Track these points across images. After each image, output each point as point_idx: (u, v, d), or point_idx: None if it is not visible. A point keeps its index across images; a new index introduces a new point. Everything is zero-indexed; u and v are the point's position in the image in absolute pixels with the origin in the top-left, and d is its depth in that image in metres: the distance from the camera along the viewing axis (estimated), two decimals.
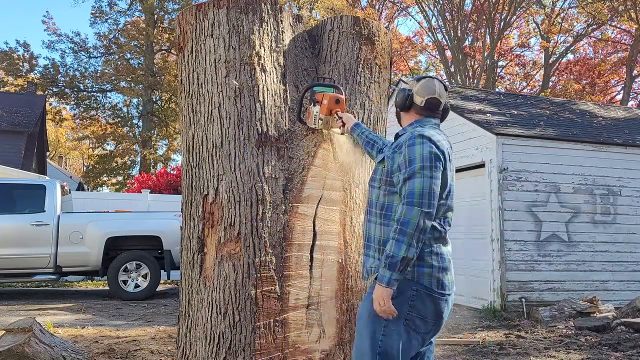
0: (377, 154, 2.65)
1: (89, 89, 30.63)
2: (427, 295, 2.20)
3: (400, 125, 2.56)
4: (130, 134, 31.30)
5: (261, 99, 3.08)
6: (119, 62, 29.59)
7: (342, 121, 2.88)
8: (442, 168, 2.21)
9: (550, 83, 28.80)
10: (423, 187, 2.14)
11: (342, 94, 2.95)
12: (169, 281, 10.77)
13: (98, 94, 30.94)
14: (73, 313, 7.00)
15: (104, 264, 8.35)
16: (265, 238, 2.96)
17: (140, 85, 29.51)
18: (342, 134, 3.02)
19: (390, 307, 2.12)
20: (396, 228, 2.13)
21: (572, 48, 27.93)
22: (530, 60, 30.85)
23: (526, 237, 7.62)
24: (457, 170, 8.59)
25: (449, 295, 2.25)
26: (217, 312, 2.92)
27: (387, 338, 2.20)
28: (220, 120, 3.06)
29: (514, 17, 26.78)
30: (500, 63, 29.58)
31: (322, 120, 2.95)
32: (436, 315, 2.23)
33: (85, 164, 42.61)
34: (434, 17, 27.47)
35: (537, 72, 30.48)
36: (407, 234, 2.10)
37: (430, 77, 2.46)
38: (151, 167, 30.09)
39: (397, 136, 2.47)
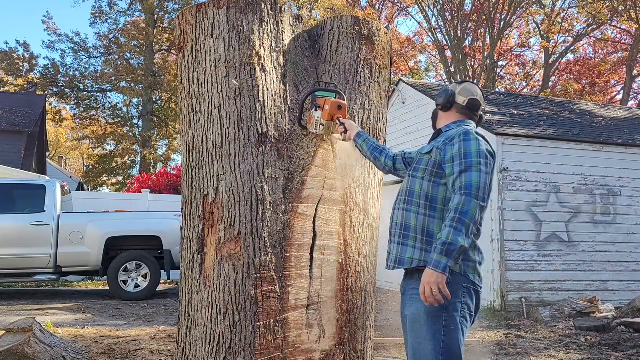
0: (389, 159, 2.75)
1: (89, 89, 30.63)
2: (473, 290, 2.28)
3: (434, 127, 2.64)
4: (130, 134, 31.31)
5: (261, 99, 3.08)
6: (119, 62, 29.59)
7: (345, 127, 2.89)
8: (492, 167, 2.29)
9: (550, 83, 28.80)
10: (480, 180, 2.18)
11: (344, 100, 2.93)
12: (169, 281, 10.77)
13: (98, 94, 30.96)
14: (73, 313, 7.00)
15: (104, 264, 8.35)
16: (265, 238, 2.96)
17: (140, 85, 29.52)
18: (343, 140, 3.02)
19: (446, 291, 2.12)
20: (454, 217, 2.15)
21: (572, 48, 27.95)
22: (530, 60, 30.89)
23: (526, 237, 7.62)
24: None
25: (481, 288, 2.35)
26: (217, 312, 2.93)
27: (449, 337, 2.21)
28: (220, 120, 3.06)
29: (514, 17, 26.78)
30: (500, 63, 29.59)
31: (323, 125, 2.94)
32: (477, 309, 2.32)
33: (85, 164, 42.62)
34: (434, 17, 27.48)
35: (537, 72, 30.49)
36: (465, 223, 2.13)
37: (471, 82, 2.57)
38: (151, 167, 30.09)
39: (439, 132, 2.54)
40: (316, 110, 2.85)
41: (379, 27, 3.50)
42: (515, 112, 9.42)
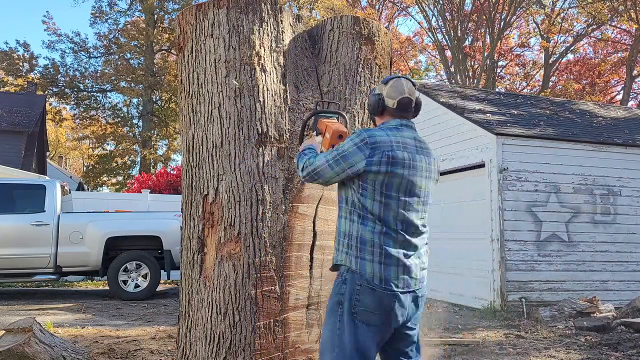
0: None
1: (89, 89, 30.63)
2: (370, 289, 2.19)
3: None
4: (130, 134, 31.31)
5: (261, 99, 3.08)
6: (119, 62, 29.59)
7: None
8: (374, 159, 2.21)
9: (550, 83, 28.79)
10: (319, 164, 2.34)
11: (346, 122, 2.86)
12: (169, 281, 10.77)
13: (98, 94, 30.96)
14: (73, 313, 7.00)
15: (104, 264, 8.35)
16: (265, 238, 2.96)
17: (140, 85, 29.52)
18: None
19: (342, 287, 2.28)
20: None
21: (572, 48, 27.94)
22: (530, 60, 30.87)
23: (526, 237, 7.62)
24: (457, 171, 8.60)
25: (401, 292, 2.20)
26: (217, 312, 2.92)
27: (342, 333, 2.22)
28: (220, 120, 3.06)
29: (514, 17, 26.78)
30: (500, 63, 29.59)
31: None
32: (383, 309, 2.19)
33: (85, 164, 42.62)
34: (434, 17, 27.48)
35: (537, 72, 30.48)
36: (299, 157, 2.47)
37: (397, 77, 2.42)
38: (151, 167, 30.09)
39: None
40: (317, 134, 2.74)
41: (379, 27, 3.50)
42: (515, 112, 9.42)
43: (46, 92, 28.11)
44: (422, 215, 2.31)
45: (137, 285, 8.47)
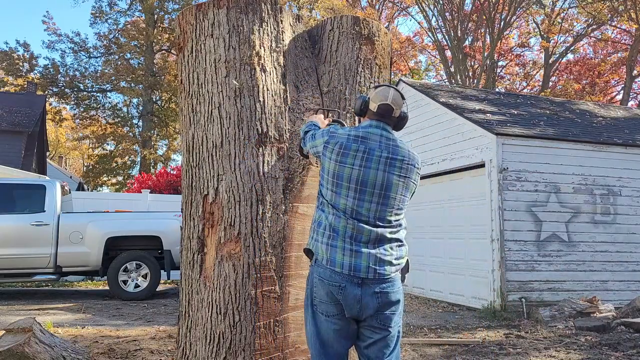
0: None
1: (89, 89, 30.62)
2: (319, 281, 2.31)
3: None
4: (130, 134, 31.30)
5: (261, 99, 3.08)
6: (119, 62, 29.57)
7: None
8: (328, 147, 2.39)
9: (550, 83, 28.79)
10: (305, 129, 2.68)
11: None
12: (169, 281, 10.77)
13: (98, 94, 30.95)
14: (73, 313, 7.00)
15: (104, 264, 8.35)
16: (265, 238, 2.96)
17: (140, 85, 29.51)
18: None
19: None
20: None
21: (572, 48, 27.94)
22: (530, 60, 30.87)
23: (526, 237, 7.62)
24: (457, 171, 8.60)
25: (349, 278, 2.24)
26: (217, 312, 2.92)
27: (310, 324, 2.38)
28: (220, 120, 3.06)
29: (514, 17, 26.78)
30: (500, 63, 29.58)
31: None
32: (333, 299, 2.27)
33: (85, 164, 42.62)
34: (434, 17, 27.49)
35: (537, 72, 30.48)
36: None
37: (388, 85, 2.50)
38: (151, 167, 30.09)
39: None
40: None
41: (379, 27, 3.50)
42: (515, 112, 9.42)
43: (46, 92, 28.11)
44: (380, 208, 2.32)
45: (137, 285, 8.47)
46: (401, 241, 2.38)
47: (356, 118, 3.26)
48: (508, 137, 7.80)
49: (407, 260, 2.42)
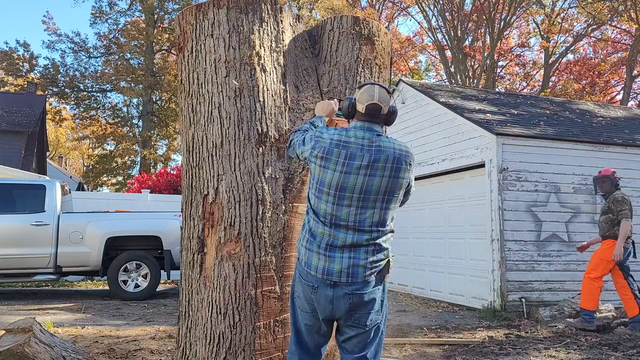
0: None
1: (89, 89, 30.62)
2: (299, 278, 2.45)
3: None
4: (130, 134, 31.30)
5: (261, 99, 3.08)
6: (119, 62, 29.57)
7: None
8: (314, 152, 2.43)
9: (550, 83, 28.79)
10: (294, 139, 2.65)
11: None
12: (169, 281, 10.77)
13: (98, 94, 30.96)
14: (73, 313, 7.00)
15: (104, 264, 8.34)
16: (265, 238, 2.96)
17: (140, 85, 29.51)
18: None
19: None
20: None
21: (572, 48, 27.94)
22: (530, 60, 30.87)
23: (526, 237, 7.61)
24: (457, 170, 8.59)
25: (322, 282, 2.33)
26: (217, 312, 2.92)
27: (290, 313, 2.56)
28: (220, 120, 3.06)
29: (514, 17, 26.78)
30: (500, 63, 29.58)
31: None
32: (307, 298, 2.39)
33: (85, 164, 42.62)
34: (434, 17, 27.49)
35: (537, 72, 30.48)
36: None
37: (371, 83, 2.50)
38: (151, 167, 30.10)
39: None
40: None
41: (379, 27, 3.50)
42: (515, 112, 9.42)
43: (46, 92, 28.11)
44: (360, 212, 2.34)
45: (137, 285, 8.46)
46: (380, 245, 2.37)
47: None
48: (508, 137, 7.79)
49: (388, 261, 2.40)
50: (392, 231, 2.44)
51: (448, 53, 27.91)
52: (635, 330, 5.96)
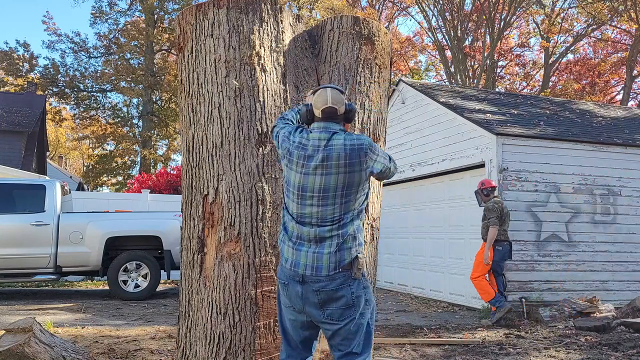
0: None
1: (89, 89, 30.62)
2: (278, 275, 2.56)
3: None
4: (130, 134, 31.30)
5: (261, 99, 3.08)
6: (119, 62, 29.57)
7: None
8: (281, 152, 2.56)
9: (550, 83, 28.78)
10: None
11: None
12: (169, 281, 10.77)
13: (98, 94, 30.95)
14: (73, 313, 7.00)
15: (104, 264, 8.34)
16: (265, 238, 2.96)
17: (140, 85, 29.51)
18: None
19: None
20: None
21: (572, 48, 27.93)
22: (530, 60, 30.86)
23: (526, 237, 7.61)
24: (457, 170, 8.59)
25: (286, 282, 2.45)
26: (217, 312, 2.92)
27: (278, 313, 2.64)
28: (220, 120, 3.06)
29: (514, 17, 26.77)
30: (500, 63, 29.58)
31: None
32: (285, 293, 2.49)
33: (85, 164, 42.62)
34: (434, 17, 27.48)
35: (537, 72, 30.48)
36: None
37: (323, 87, 2.57)
38: (151, 167, 30.10)
39: None
40: None
41: (379, 27, 3.49)
42: (515, 112, 9.41)
43: (46, 92, 28.11)
44: (321, 209, 2.42)
45: (137, 285, 8.46)
46: (344, 237, 2.40)
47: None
48: (508, 137, 7.79)
49: (356, 257, 2.41)
50: (357, 217, 2.48)
51: (448, 53, 27.91)
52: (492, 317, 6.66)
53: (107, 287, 9.20)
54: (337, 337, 2.43)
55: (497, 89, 27.00)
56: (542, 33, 27.24)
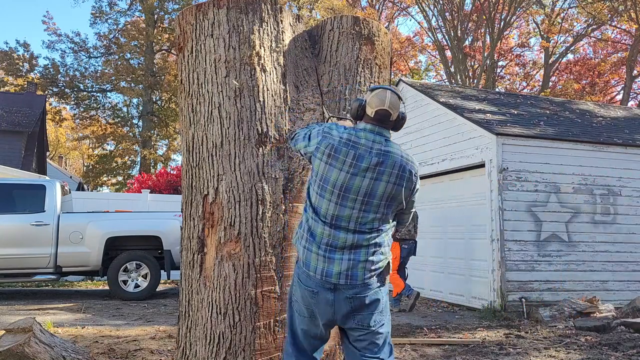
0: None
1: (89, 89, 30.62)
2: (297, 282, 2.43)
3: None
4: (130, 134, 31.30)
5: (261, 99, 3.08)
6: (119, 62, 29.57)
7: None
8: (320, 148, 2.39)
9: (550, 83, 28.79)
10: (299, 132, 2.62)
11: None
12: (169, 281, 10.77)
13: (98, 94, 30.95)
14: (73, 313, 7.00)
15: (104, 264, 8.34)
16: (265, 238, 2.96)
17: (140, 85, 29.50)
18: None
19: None
20: None
21: (572, 48, 27.94)
22: (530, 60, 30.87)
23: (526, 237, 7.61)
24: (457, 170, 8.59)
25: (316, 291, 2.32)
26: (217, 312, 2.93)
27: (287, 312, 2.56)
28: (220, 120, 3.06)
29: (514, 17, 26.78)
30: (500, 63, 29.58)
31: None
32: (306, 303, 2.38)
33: (85, 164, 42.62)
34: (434, 17, 27.48)
35: (537, 72, 30.48)
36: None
37: (384, 88, 2.45)
38: (151, 167, 30.10)
39: None
40: None
41: (379, 27, 3.50)
42: (515, 112, 9.41)
43: (46, 92, 28.11)
44: (362, 215, 2.32)
45: (137, 285, 8.46)
46: (380, 245, 2.36)
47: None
48: (508, 137, 7.79)
49: (388, 262, 2.40)
50: (391, 229, 2.44)
51: (448, 53, 27.91)
52: (395, 305, 7.58)
53: (107, 287, 9.20)
54: (363, 341, 2.36)
55: (497, 89, 27.00)
56: (542, 33, 27.25)
